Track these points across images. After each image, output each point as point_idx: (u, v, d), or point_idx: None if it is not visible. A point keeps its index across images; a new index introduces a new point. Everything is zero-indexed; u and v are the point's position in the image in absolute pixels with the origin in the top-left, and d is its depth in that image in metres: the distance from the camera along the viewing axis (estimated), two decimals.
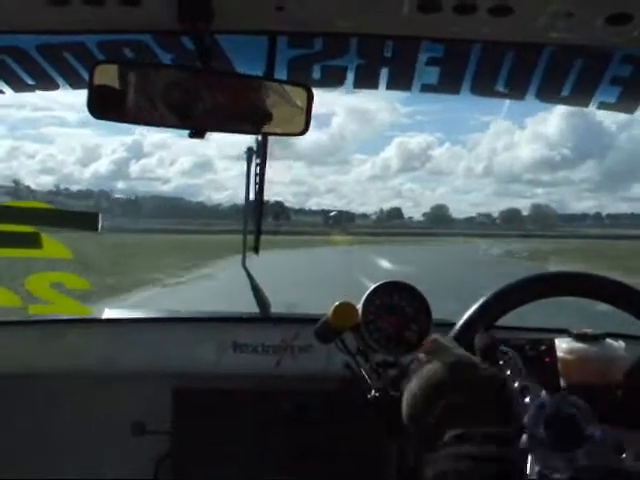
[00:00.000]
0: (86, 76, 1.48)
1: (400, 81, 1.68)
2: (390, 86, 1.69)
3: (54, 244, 2.12)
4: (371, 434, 1.58)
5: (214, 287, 11.20)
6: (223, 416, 1.85)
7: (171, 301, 10.01)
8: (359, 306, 1.42)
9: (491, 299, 1.32)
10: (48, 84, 1.68)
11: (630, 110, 1.70)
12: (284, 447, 1.80)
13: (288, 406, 1.84)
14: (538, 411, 0.89)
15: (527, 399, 0.90)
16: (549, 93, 1.66)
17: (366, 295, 1.44)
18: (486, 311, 1.30)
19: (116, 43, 1.52)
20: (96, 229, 2.14)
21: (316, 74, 1.64)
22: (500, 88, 1.65)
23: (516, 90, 1.66)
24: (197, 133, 1.31)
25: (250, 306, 2.10)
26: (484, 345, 1.01)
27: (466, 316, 1.32)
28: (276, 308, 2.14)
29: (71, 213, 2.29)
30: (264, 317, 2.14)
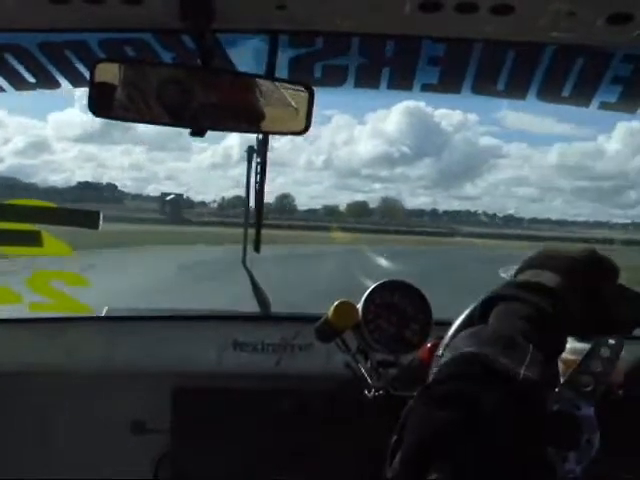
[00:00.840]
0: (87, 74, 1.48)
1: (401, 80, 1.68)
2: (391, 85, 1.69)
3: (55, 242, 2.12)
4: (371, 433, 1.58)
5: None
6: (223, 415, 1.85)
7: None
8: (359, 305, 1.42)
9: None
10: (49, 82, 1.68)
11: (631, 110, 1.70)
12: (284, 446, 1.80)
13: (288, 405, 1.83)
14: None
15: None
16: (550, 92, 1.66)
17: (366, 294, 1.44)
18: None
19: (117, 41, 1.52)
20: (97, 227, 2.15)
21: (317, 73, 1.64)
22: (501, 87, 1.65)
23: (517, 89, 1.66)
24: (197, 131, 1.31)
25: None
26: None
27: None
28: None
29: (72, 211, 2.29)
30: (264, 316, 2.14)
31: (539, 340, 0.75)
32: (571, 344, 1.31)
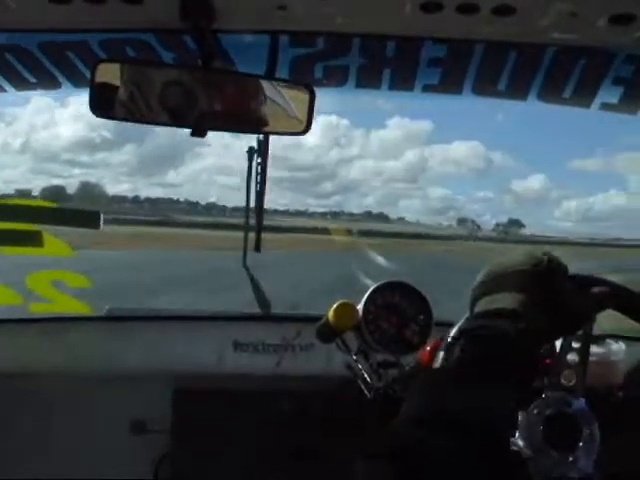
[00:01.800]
0: (88, 75, 1.48)
1: (402, 81, 1.67)
2: (392, 86, 1.68)
3: (55, 242, 2.12)
4: (371, 434, 1.57)
5: None
6: (223, 415, 1.85)
7: None
8: (360, 306, 1.41)
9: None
10: (50, 82, 1.68)
11: (632, 111, 1.69)
12: (284, 447, 1.80)
13: (288, 406, 1.83)
14: (542, 408, 0.89)
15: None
16: (551, 93, 1.66)
17: (367, 295, 1.44)
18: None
19: (118, 42, 1.51)
20: (98, 227, 2.15)
21: (318, 74, 1.64)
22: (502, 88, 1.64)
23: (518, 90, 1.66)
24: (198, 132, 1.30)
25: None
26: (594, 300, 0.96)
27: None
28: None
29: (72, 211, 2.29)
30: (265, 316, 2.14)
31: (504, 370, 0.76)
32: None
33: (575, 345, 1.07)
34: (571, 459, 0.87)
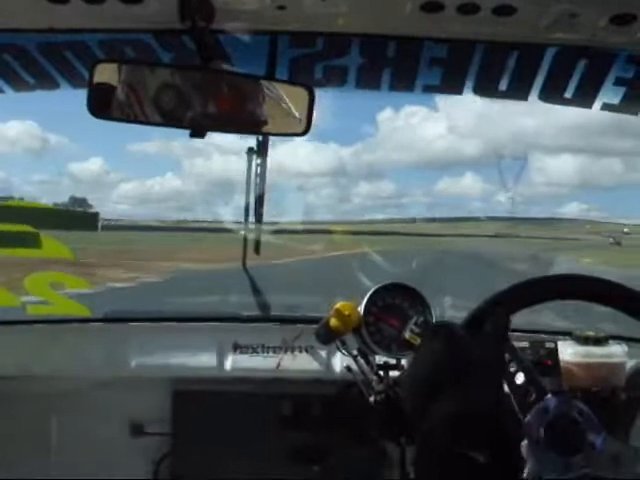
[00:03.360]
0: (86, 75, 1.47)
1: (402, 81, 1.67)
2: (392, 86, 1.68)
3: (53, 243, 2.11)
4: (371, 437, 1.57)
5: None
6: (223, 418, 1.84)
7: None
8: (360, 308, 1.41)
9: (508, 292, 1.20)
10: (48, 83, 1.67)
11: (634, 111, 1.68)
12: (284, 449, 1.79)
13: (288, 408, 1.82)
14: (541, 414, 0.88)
15: (532, 397, 0.91)
16: (553, 94, 1.65)
17: (367, 296, 1.43)
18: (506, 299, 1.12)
19: (117, 42, 1.51)
20: (96, 229, 2.14)
21: (318, 74, 1.63)
22: (503, 89, 1.64)
23: (519, 91, 1.65)
24: (197, 133, 1.30)
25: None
26: (497, 325, 0.98)
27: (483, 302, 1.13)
28: None
29: (70, 213, 2.29)
30: (265, 317, 2.13)
31: None
32: (572, 348, 1.30)
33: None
34: (568, 463, 0.87)
